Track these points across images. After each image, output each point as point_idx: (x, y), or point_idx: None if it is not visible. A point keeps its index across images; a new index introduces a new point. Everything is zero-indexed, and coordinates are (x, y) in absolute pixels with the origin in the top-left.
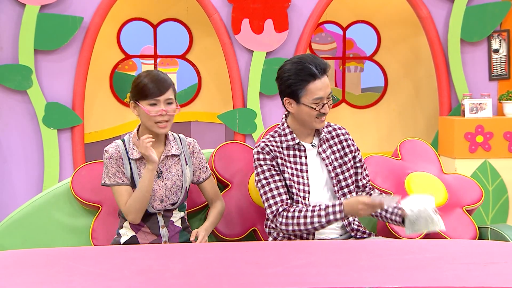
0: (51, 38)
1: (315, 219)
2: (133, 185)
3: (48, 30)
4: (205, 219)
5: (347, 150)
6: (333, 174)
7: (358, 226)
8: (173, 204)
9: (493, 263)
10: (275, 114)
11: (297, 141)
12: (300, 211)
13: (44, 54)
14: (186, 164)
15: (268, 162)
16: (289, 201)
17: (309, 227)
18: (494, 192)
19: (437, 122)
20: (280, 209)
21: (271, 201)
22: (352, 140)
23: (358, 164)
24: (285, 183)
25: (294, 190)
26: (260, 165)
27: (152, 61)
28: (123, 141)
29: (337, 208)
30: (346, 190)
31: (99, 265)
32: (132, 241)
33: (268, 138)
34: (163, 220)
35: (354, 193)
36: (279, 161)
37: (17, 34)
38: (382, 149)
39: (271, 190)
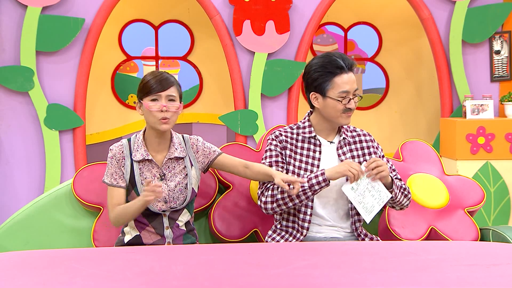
0: (52, 40)
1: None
2: (133, 186)
3: (50, 32)
4: (206, 221)
5: (367, 157)
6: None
7: (365, 233)
8: (179, 204)
9: (496, 265)
10: (276, 116)
11: (313, 134)
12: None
13: (46, 56)
14: (192, 165)
15: (278, 150)
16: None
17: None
18: (496, 194)
19: (439, 124)
20: (263, 187)
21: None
22: (376, 148)
23: None
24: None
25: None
26: (270, 150)
27: (154, 63)
28: (129, 141)
29: (319, 172)
30: None
31: (100, 267)
32: (136, 240)
33: (285, 129)
34: (168, 221)
35: None
36: (288, 152)
37: (19, 36)
38: (384, 150)
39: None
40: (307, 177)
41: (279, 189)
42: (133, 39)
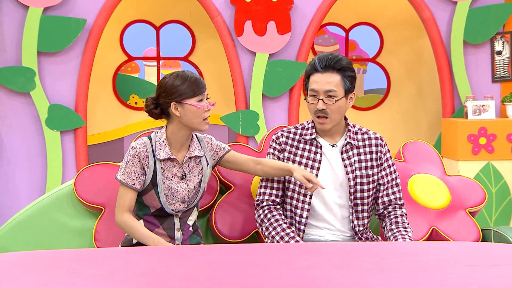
0: (54, 40)
1: (272, 233)
2: (153, 185)
3: (51, 32)
4: (208, 221)
5: (374, 163)
6: (352, 183)
7: (366, 237)
8: (193, 204)
9: (497, 266)
10: (277, 116)
11: (313, 136)
12: (276, 220)
13: (47, 56)
14: (208, 164)
15: (276, 153)
16: (278, 199)
17: (266, 235)
18: (497, 194)
19: (440, 124)
20: (265, 203)
21: (262, 190)
22: (384, 154)
23: (380, 181)
24: (285, 178)
25: (292, 186)
26: (268, 153)
27: (155, 63)
28: (150, 138)
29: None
30: (359, 201)
31: (102, 267)
32: None
33: (289, 129)
34: (179, 223)
35: (366, 206)
36: (286, 154)
37: (21, 36)
38: None
39: (267, 180)
40: (286, 234)
41: (270, 222)
42: (134, 39)
